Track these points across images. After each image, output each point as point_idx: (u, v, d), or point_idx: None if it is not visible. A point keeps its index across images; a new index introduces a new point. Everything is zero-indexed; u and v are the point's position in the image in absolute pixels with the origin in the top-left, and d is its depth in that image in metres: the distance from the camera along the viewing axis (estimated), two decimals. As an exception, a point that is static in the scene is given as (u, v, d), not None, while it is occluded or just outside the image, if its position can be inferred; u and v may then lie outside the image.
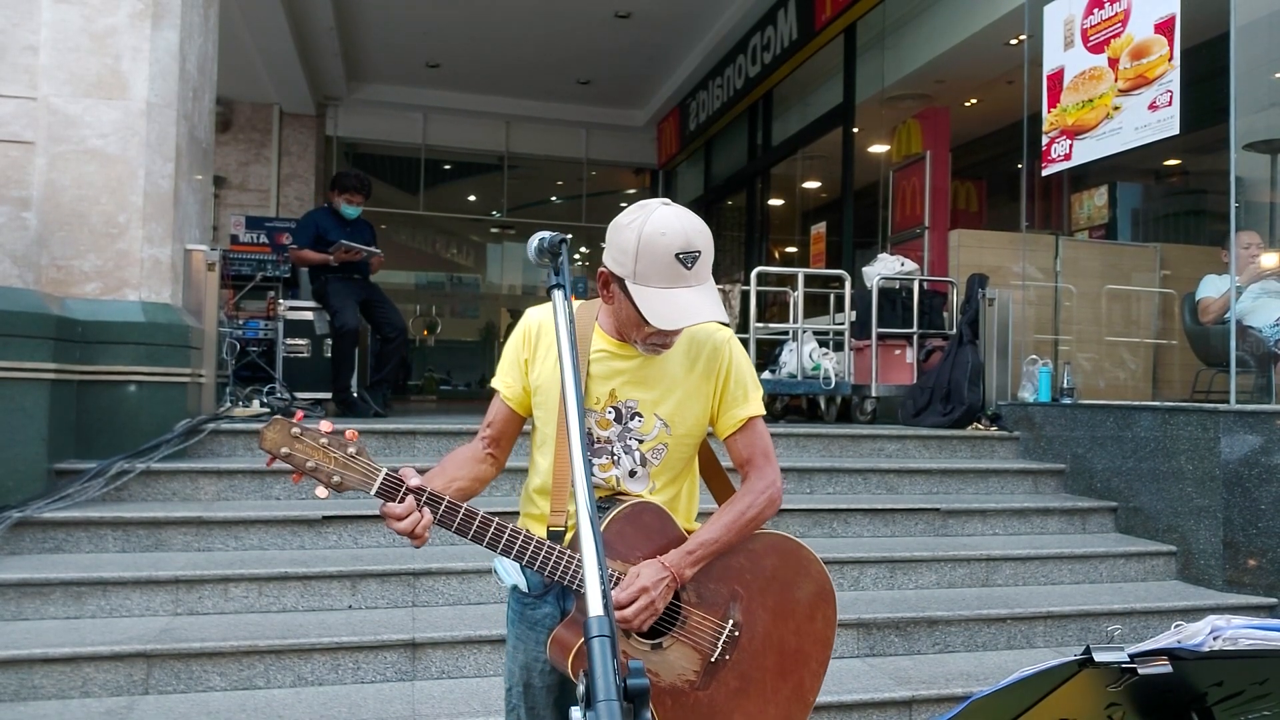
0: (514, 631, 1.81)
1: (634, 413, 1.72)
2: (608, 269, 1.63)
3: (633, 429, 1.72)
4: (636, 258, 1.56)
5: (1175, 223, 7.77)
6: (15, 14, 4.22)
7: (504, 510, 4.12)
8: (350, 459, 1.49)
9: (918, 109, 7.89)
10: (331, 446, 1.48)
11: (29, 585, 3.27)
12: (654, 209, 1.60)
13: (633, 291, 1.57)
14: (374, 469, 1.50)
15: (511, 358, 1.79)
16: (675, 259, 1.55)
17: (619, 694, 0.88)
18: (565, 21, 9.72)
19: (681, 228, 1.57)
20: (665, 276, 1.55)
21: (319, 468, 1.48)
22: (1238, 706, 1.05)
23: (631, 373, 1.71)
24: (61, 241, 4.25)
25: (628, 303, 1.59)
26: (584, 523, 1.04)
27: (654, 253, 1.55)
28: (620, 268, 1.59)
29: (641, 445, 1.72)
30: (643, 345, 1.67)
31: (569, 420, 1.14)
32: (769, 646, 1.72)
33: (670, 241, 1.55)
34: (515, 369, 1.78)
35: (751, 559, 1.73)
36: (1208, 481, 4.13)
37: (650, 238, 1.55)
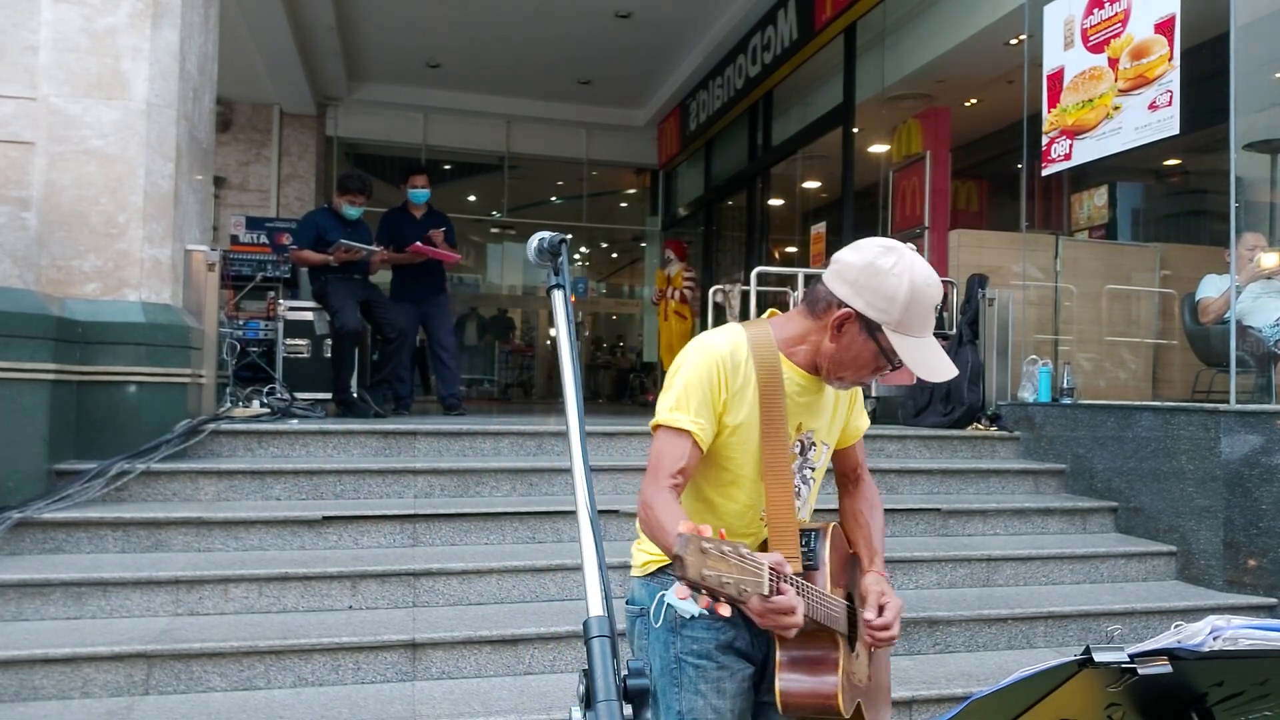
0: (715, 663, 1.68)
1: (811, 443, 1.74)
2: (853, 310, 1.57)
3: (809, 459, 1.74)
4: (906, 308, 1.54)
5: (1175, 223, 7.77)
6: (15, 14, 4.22)
7: (505, 511, 4.09)
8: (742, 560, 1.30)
9: (918, 109, 7.88)
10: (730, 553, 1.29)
11: (29, 585, 3.27)
12: (908, 255, 1.57)
13: (893, 340, 1.55)
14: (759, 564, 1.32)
15: (704, 396, 1.64)
16: (933, 310, 1.58)
17: (619, 694, 0.88)
18: (565, 21, 9.72)
19: (937, 278, 1.59)
20: (922, 327, 1.56)
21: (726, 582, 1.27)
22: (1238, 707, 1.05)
23: (810, 404, 1.71)
24: (61, 242, 4.25)
25: (870, 346, 1.57)
26: (584, 523, 1.04)
27: (922, 303, 1.55)
28: (880, 314, 1.55)
29: (814, 473, 1.76)
30: (846, 383, 1.68)
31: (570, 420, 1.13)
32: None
33: (934, 293, 1.57)
34: (709, 410, 1.64)
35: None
36: (1208, 481, 4.13)
37: (920, 289, 1.54)
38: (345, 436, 4.49)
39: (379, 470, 4.23)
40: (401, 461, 4.39)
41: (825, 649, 1.59)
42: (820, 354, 1.65)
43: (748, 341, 1.67)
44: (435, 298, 6.57)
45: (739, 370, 1.65)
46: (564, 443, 4.66)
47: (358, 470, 4.20)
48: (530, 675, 3.28)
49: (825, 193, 10.02)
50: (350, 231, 5.97)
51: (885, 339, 1.56)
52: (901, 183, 7.67)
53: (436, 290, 6.59)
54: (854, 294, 1.57)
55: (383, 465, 4.27)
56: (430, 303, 6.54)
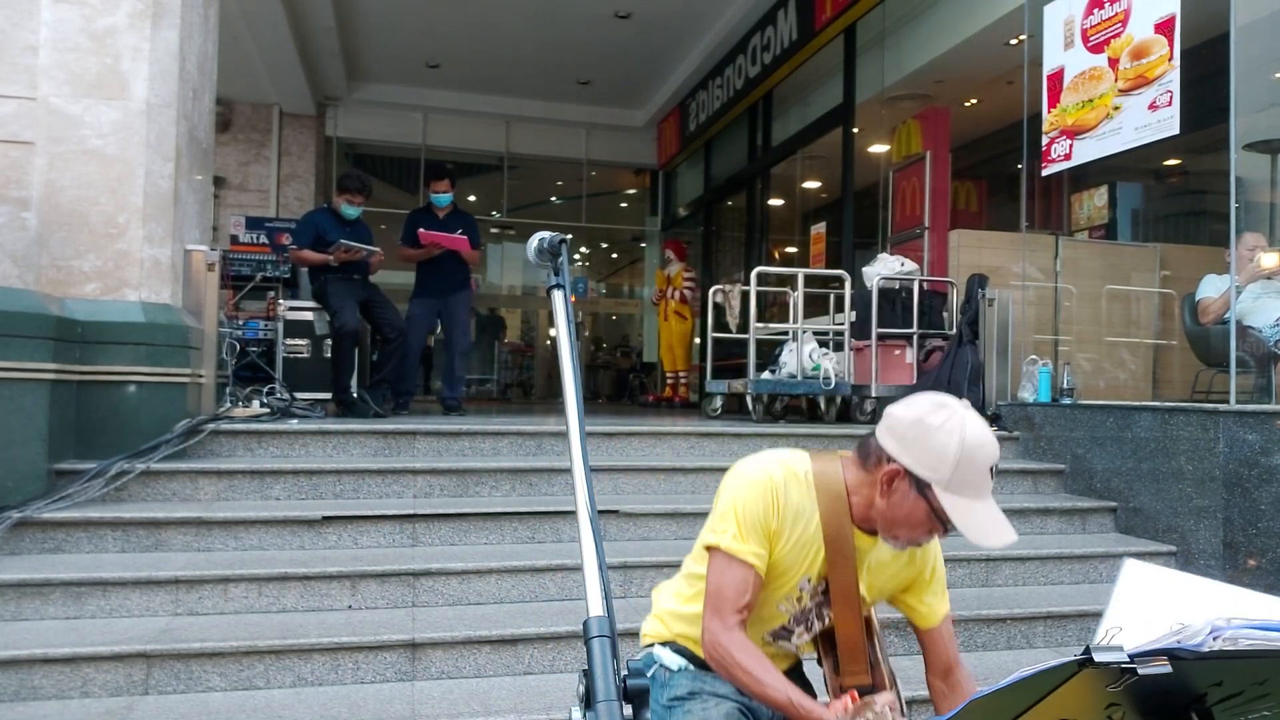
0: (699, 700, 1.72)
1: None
2: (902, 466, 1.56)
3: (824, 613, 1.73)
4: (956, 466, 1.51)
5: (1175, 223, 7.77)
6: (15, 14, 4.22)
7: (504, 511, 4.08)
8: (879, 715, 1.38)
9: (918, 109, 7.88)
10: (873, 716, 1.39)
11: (29, 585, 3.27)
12: (961, 413, 1.55)
13: (943, 499, 1.52)
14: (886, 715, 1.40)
15: (757, 523, 1.65)
16: (990, 470, 1.54)
17: (619, 694, 0.88)
18: (565, 21, 9.72)
19: (992, 438, 1.55)
20: (977, 488, 1.53)
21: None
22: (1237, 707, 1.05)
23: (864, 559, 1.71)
24: (61, 242, 4.25)
25: (921, 505, 1.54)
26: (584, 523, 1.04)
27: (974, 463, 1.52)
28: (929, 471, 1.53)
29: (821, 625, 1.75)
30: (901, 542, 1.63)
31: (570, 420, 1.13)
32: None
33: (989, 453, 1.53)
34: (762, 537, 1.65)
35: None
36: (1208, 482, 4.13)
37: (972, 447, 1.51)
38: (345, 436, 4.49)
39: (378, 470, 4.23)
40: (401, 461, 4.39)
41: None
42: (874, 508, 1.63)
43: (814, 472, 1.67)
44: (457, 293, 6.58)
45: (791, 499, 1.65)
46: (564, 443, 4.66)
47: (357, 470, 4.20)
48: (530, 675, 3.28)
49: (825, 193, 10.02)
50: (350, 231, 5.97)
51: (935, 498, 1.53)
52: (901, 183, 7.67)
53: (459, 285, 6.60)
54: (903, 450, 1.56)
55: (382, 465, 4.27)
56: (452, 298, 6.55)
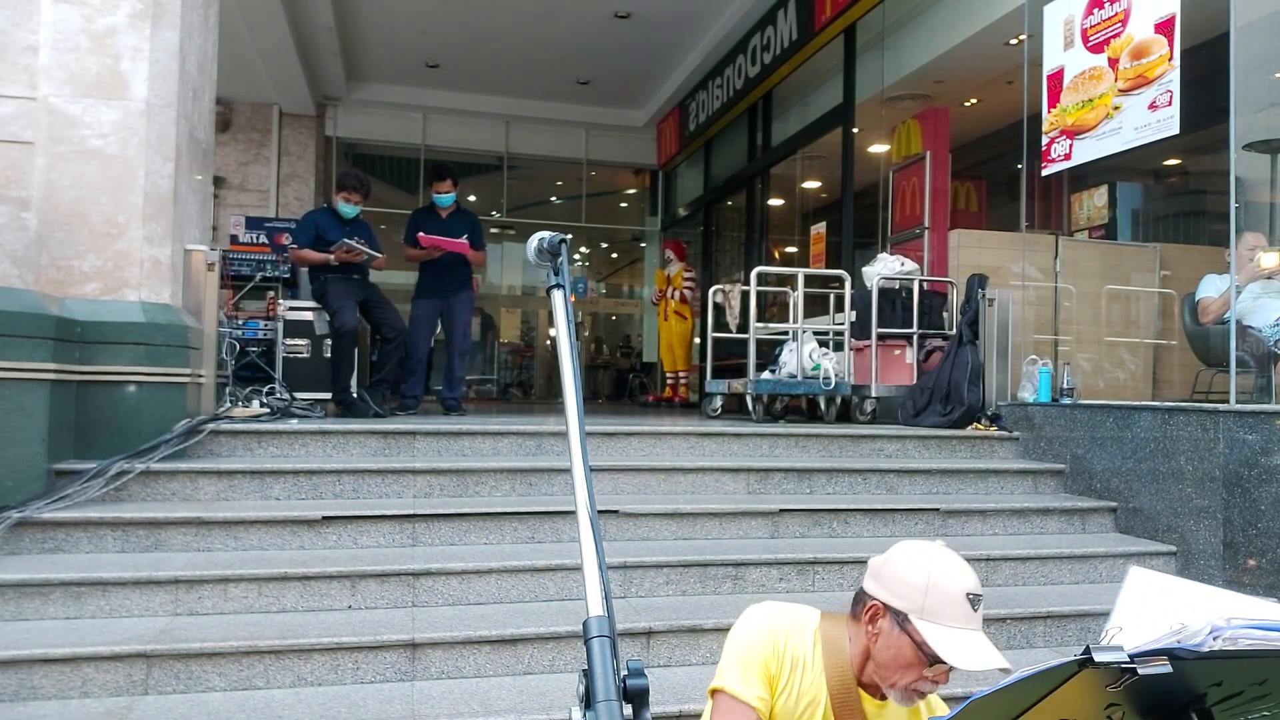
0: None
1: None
2: (880, 602, 1.57)
3: None
4: (926, 593, 1.52)
5: (1175, 223, 7.77)
6: (15, 14, 4.22)
7: (504, 511, 4.08)
8: None
9: (917, 109, 7.88)
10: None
11: (29, 585, 3.27)
12: (933, 547, 1.58)
13: (921, 628, 1.52)
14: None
15: (758, 665, 1.64)
16: (966, 598, 1.52)
17: (619, 694, 0.88)
18: (565, 22, 9.72)
19: (968, 569, 1.55)
20: (957, 616, 1.52)
21: None
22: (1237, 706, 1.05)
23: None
24: (61, 242, 4.25)
25: (905, 641, 1.54)
26: (584, 523, 1.04)
27: (946, 589, 1.52)
28: (904, 601, 1.54)
29: None
30: (900, 693, 1.60)
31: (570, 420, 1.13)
32: None
33: (963, 582, 1.53)
34: (763, 681, 1.63)
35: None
36: (1207, 482, 4.13)
37: (942, 573, 1.53)
38: (345, 436, 4.49)
39: (378, 470, 4.23)
40: (401, 461, 4.39)
41: None
42: (870, 660, 1.62)
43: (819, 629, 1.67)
44: (459, 294, 6.58)
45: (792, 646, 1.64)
46: (564, 443, 4.66)
47: (357, 470, 4.20)
48: (530, 675, 3.28)
49: (825, 193, 10.02)
50: (350, 231, 5.98)
51: (914, 629, 1.53)
52: (901, 183, 7.67)
53: (460, 287, 6.60)
54: (879, 586, 1.59)
55: (382, 465, 4.27)
56: (454, 299, 6.55)
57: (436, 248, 6.33)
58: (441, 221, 6.51)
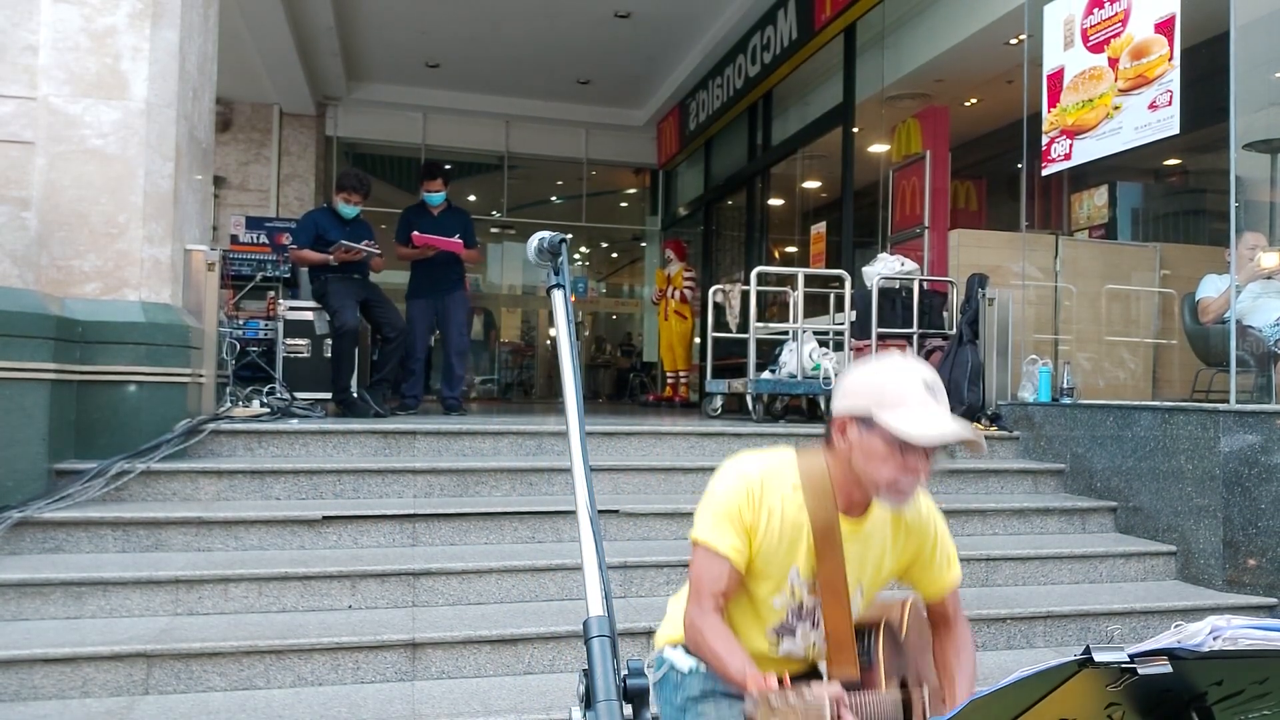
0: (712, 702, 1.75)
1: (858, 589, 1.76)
2: (843, 414, 1.63)
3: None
4: (882, 386, 1.59)
5: (1175, 222, 7.77)
6: (15, 14, 4.22)
7: (504, 511, 4.08)
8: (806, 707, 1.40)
9: (917, 109, 7.88)
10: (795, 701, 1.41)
11: (29, 585, 3.27)
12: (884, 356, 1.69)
13: (882, 419, 1.56)
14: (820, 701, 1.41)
15: (733, 516, 1.69)
16: (924, 387, 1.58)
17: (619, 694, 0.88)
18: (565, 21, 9.72)
19: (923, 365, 1.62)
20: (915, 399, 1.57)
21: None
22: (1237, 706, 1.05)
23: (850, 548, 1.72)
24: (61, 241, 4.25)
25: (875, 438, 1.59)
26: (584, 523, 1.04)
27: (900, 379, 1.59)
28: (865, 400, 1.60)
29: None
30: (886, 493, 1.64)
31: (570, 420, 1.13)
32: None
33: (915, 371, 1.60)
34: (740, 531, 1.69)
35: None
36: (1207, 481, 4.13)
37: (893, 368, 1.61)
38: (345, 436, 4.49)
39: (378, 470, 4.23)
40: (401, 461, 4.39)
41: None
42: (854, 474, 1.66)
43: (800, 473, 1.71)
44: (452, 293, 6.56)
45: (769, 494, 1.69)
46: (564, 443, 4.66)
47: (357, 470, 4.20)
48: (530, 675, 3.28)
49: (825, 192, 10.02)
50: (350, 231, 5.98)
51: (880, 421, 1.57)
52: (901, 182, 7.67)
53: (453, 286, 6.58)
54: (842, 400, 1.66)
55: (382, 465, 4.27)
56: (447, 298, 6.54)
57: (430, 246, 6.32)
58: (434, 220, 6.50)
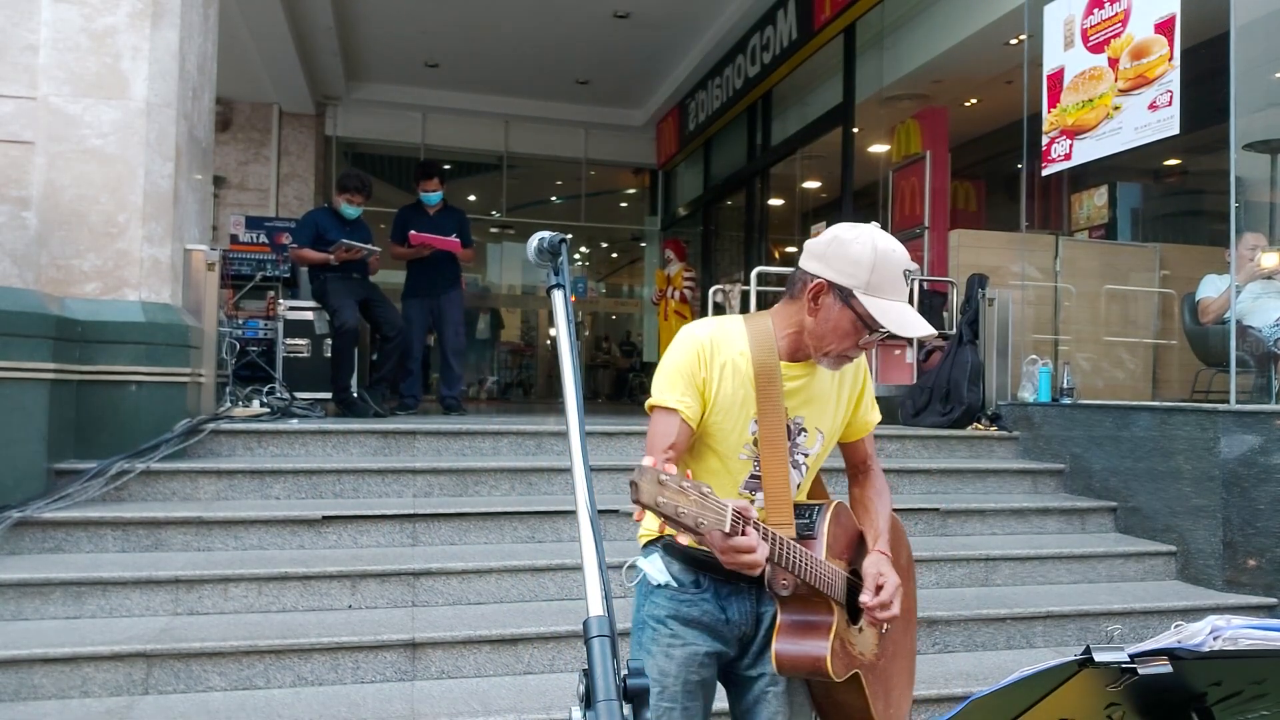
0: (668, 630, 1.80)
1: (800, 429, 1.82)
2: (826, 280, 1.67)
3: (800, 444, 1.82)
4: (873, 270, 1.63)
5: (1175, 223, 7.77)
6: (15, 14, 4.22)
7: (504, 511, 4.08)
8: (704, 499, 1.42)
9: (917, 109, 7.89)
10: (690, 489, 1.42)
11: (29, 585, 3.27)
12: (872, 228, 1.69)
13: (865, 302, 1.63)
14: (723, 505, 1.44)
15: (683, 374, 1.74)
16: (904, 274, 1.65)
17: (619, 694, 0.88)
18: (564, 21, 9.72)
19: (901, 247, 1.68)
20: (896, 290, 1.64)
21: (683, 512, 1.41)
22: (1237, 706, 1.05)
23: (800, 392, 1.79)
24: (61, 241, 4.25)
25: (847, 314, 1.65)
26: (584, 522, 1.04)
27: (889, 265, 1.64)
28: (849, 279, 1.64)
29: (807, 459, 1.85)
30: (832, 359, 1.72)
31: (570, 420, 1.14)
32: (906, 605, 1.88)
33: (900, 257, 1.66)
34: (690, 387, 1.74)
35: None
36: (1207, 481, 4.14)
37: (885, 252, 1.65)
38: (345, 436, 4.49)
39: (378, 470, 4.23)
40: (401, 461, 4.39)
41: (821, 614, 1.69)
42: (804, 332, 1.73)
43: (746, 330, 1.78)
44: (448, 293, 6.56)
45: (720, 353, 1.75)
46: (564, 442, 4.66)
47: (357, 470, 4.21)
48: (530, 675, 3.28)
49: (825, 192, 10.02)
50: (350, 230, 5.98)
51: (859, 304, 1.64)
52: (901, 182, 7.67)
53: (449, 285, 6.58)
54: (824, 266, 1.68)
55: (382, 465, 4.27)
56: (444, 298, 6.53)
57: (426, 245, 6.32)
58: (430, 219, 6.49)
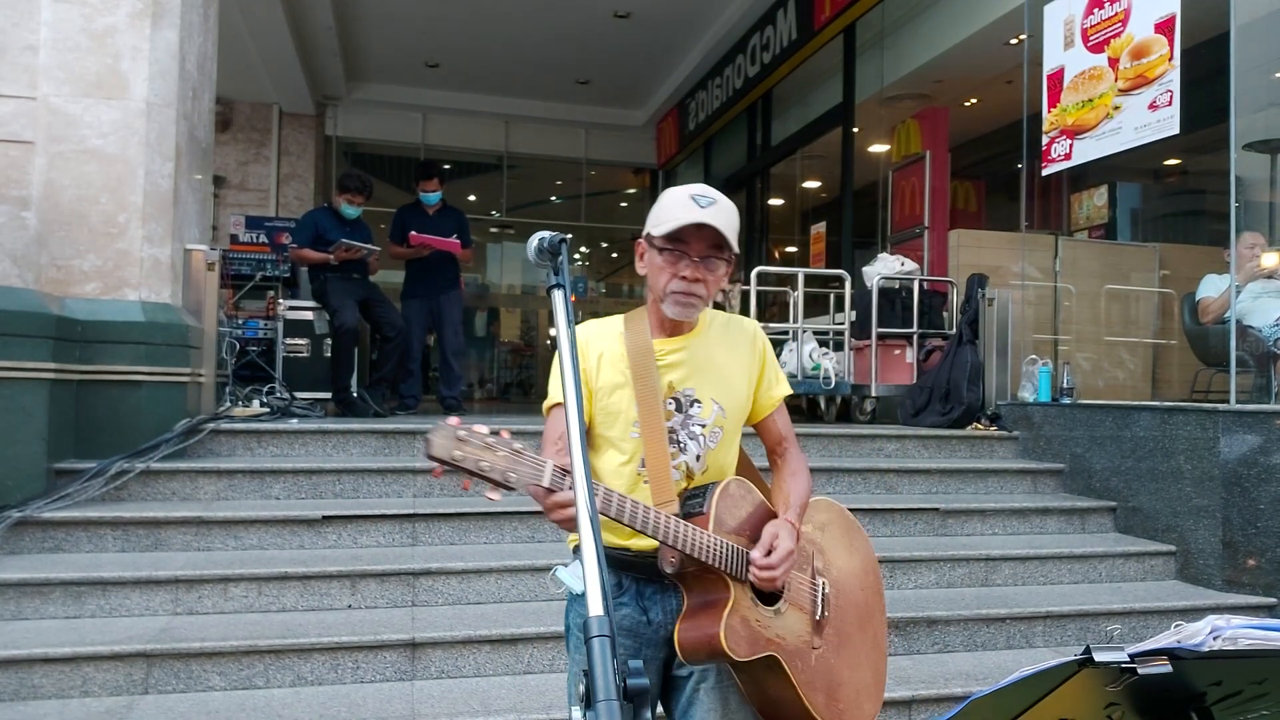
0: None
1: (692, 400, 1.79)
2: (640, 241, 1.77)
3: (694, 415, 1.78)
4: (660, 207, 1.72)
5: (1175, 223, 7.78)
6: (15, 14, 4.22)
7: (504, 510, 4.08)
8: (515, 454, 1.41)
9: (917, 109, 7.89)
10: (498, 445, 1.40)
11: (29, 585, 3.27)
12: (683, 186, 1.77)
13: (655, 232, 1.70)
14: (540, 460, 1.45)
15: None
16: (690, 198, 1.69)
17: (619, 694, 0.89)
18: (565, 21, 9.72)
19: (704, 187, 1.74)
20: (682, 211, 1.68)
21: (491, 467, 1.40)
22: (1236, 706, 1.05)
23: (685, 363, 1.79)
24: (61, 241, 4.25)
25: (653, 252, 1.72)
26: (584, 521, 1.04)
27: (673, 196, 1.72)
28: (650, 227, 1.73)
29: (703, 430, 1.79)
30: (671, 303, 1.72)
31: (570, 421, 1.14)
32: (848, 602, 1.84)
33: (686, 190, 1.71)
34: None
35: (815, 523, 1.85)
36: (1206, 481, 4.14)
37: (672, 190, 1.74)
38: (344, 436, 4.49)
39: (378, 470, 4.23)
40: (401, 461, 4.39)
41: (718, 593, 1.64)
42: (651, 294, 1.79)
43: (623, 321, 1.84)
44: (447, 293, 6.56)
45: (595, 344, 1.80)
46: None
47: (357, 470, 4.21)
48: (530, 674, 3.28)
49: (825, 192, 10.02)
50: (350, 230, 5.98)
51: (655, 237, 1.72)
52: (901, 182, 7.67)
53: (449, 285, 6.58)
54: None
55: (382, 465, 4.27)
56: (443, 298, 6.53)
57: (426, 246, 6.31)
58: (429, 219, 6.49)
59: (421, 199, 6.54)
